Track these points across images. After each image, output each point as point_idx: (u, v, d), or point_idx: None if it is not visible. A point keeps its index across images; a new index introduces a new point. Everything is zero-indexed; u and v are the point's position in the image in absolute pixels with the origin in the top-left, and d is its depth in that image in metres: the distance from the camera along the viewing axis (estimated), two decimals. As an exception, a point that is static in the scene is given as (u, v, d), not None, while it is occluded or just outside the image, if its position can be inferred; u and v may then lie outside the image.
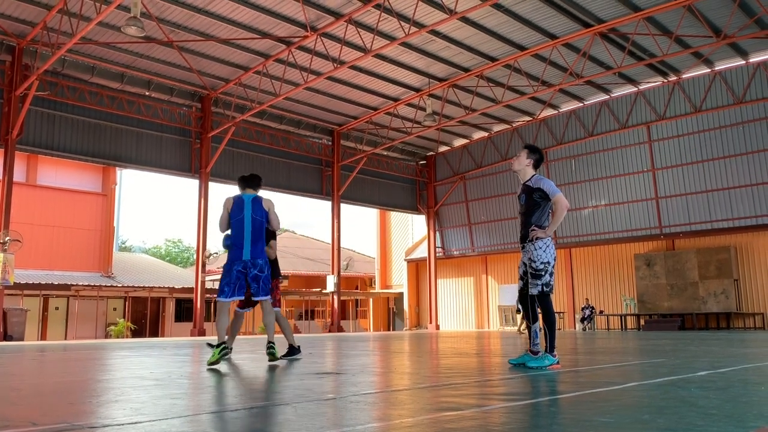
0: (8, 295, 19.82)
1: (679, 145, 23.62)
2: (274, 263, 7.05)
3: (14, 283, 17.95)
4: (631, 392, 3.85)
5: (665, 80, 23.03)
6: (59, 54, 16.55)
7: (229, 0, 16.52)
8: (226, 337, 6.19)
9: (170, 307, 29.68)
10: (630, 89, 24.12)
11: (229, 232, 6.41)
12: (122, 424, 2.75)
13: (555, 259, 5.56)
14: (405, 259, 34.28)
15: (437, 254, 30.69)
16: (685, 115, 23.21)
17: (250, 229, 6.24)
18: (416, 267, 33.76)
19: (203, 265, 21.77)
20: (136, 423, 2.78)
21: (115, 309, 27.98)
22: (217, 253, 37.26)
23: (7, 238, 17.27)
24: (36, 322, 24.92)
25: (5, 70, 18.12)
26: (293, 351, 7.04)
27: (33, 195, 25.61)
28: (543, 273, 5.44)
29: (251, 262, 6.18)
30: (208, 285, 25.61)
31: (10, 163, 17.78)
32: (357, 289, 40.51)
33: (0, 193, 17.73)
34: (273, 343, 6.40)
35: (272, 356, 6.29)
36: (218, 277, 26.78)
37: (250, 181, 6.60)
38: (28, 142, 18.64)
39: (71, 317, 26.09)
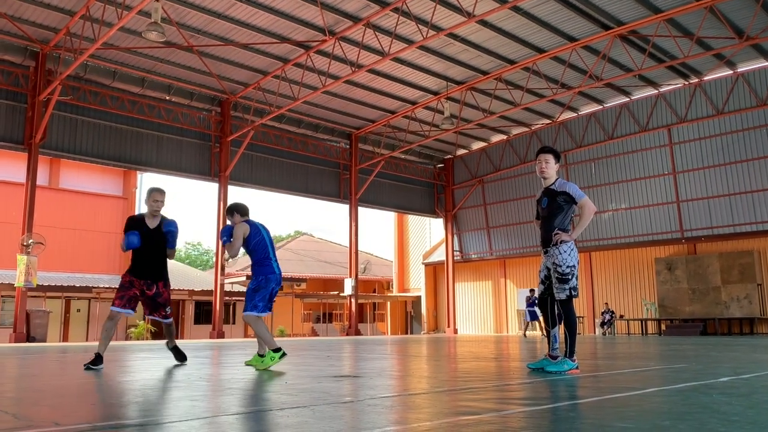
0: (31, 297, 20.10)
1: (701, 147, 23.33)
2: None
3: (37, 285, 18.21)
4: (652, 398, 3.81)
5: (686, 82, 22.78)
6: (82, 59, 16.78)
7: (249, 5, 16.65)
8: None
9: (190, 310, 29.90)
10: (650, 91, 23.89)
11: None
12: (143, 425, 2.78)
13: (578, 263, 5.53)
14: (423, 263, 34.22)
15: (455, 258, 30.60)
16: (707, 117, 22.93)
17: (272, 247, 6.53)
18: (434, 270, 33.69)
19: (222, 268, 21.92)
20: (157, 424, 2.81)
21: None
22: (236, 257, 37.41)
23: (31, 240, 17.53)
24: (58, 324, 25.26)
25: (29, 76, 18.43)
26: (98, 360, 6.16)
27: (55, 198, 25.97)
28: (570, 277, 5.40)
29: (280, 278, 6.48)
30: (227, 288, 25.77)
31: (33, 166, 18.06)
32: (374, 292, 40.52)
33: (23, 196, 18.03)
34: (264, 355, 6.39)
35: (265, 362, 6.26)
36: (237, 280, 26.80)
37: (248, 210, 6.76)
38: (51, 146, 18.92)
39: (92, 319, 26.38)
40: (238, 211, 6.60)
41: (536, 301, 20.78)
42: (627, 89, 23.86)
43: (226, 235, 6.46)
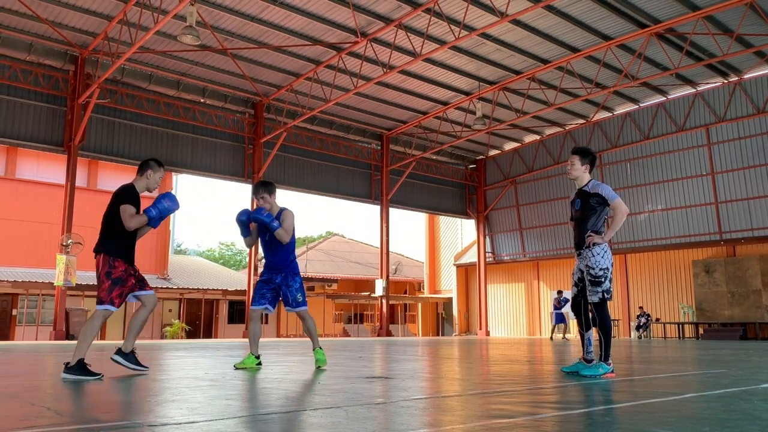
0: (70, 295, 20.60)
1: (740, 147, 22.77)
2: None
3: (76, 284, 18.64)
4: (690, 403, 3.73)
5: (725, 81, 22.27)
6: (119, 63, 17.14)
7: (282, 8, 16.81)
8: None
9: (223, 309, 30.29)
10: (688, 90, 23.41)
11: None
12: (179, 423, 2.82)
13: (612, 265, 5.44)
14: (454, 264, 34.09)
15: (487, 259, 30.40)
16: (747, 116, 22.39)
17: None
18: (465, 272, 33.52)
19: (255, 268, 22.15)
20: (192, 422, 2.85)
21: (170, 310, 28.71)
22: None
23: (70, 240, 17.96)
24: (96, 322, 25.78)
25: (69, 79, 18.88)
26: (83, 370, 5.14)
27: (93, 199, 26.45)
28: (603, 280, 5.33)
29: None
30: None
31: (72, 168, 18.52)
32: (406, 293, 40.50)
33: (63, 197, 18.50)
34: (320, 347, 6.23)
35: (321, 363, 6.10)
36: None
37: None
38: (89, 148, 19.37)
39: (129, 317, 26.88)
40: (275, 193, 5.89)
41: (564, 304, 20.53)
42: (663, 88, 23.42)
43: (270, 217, 5.74)
